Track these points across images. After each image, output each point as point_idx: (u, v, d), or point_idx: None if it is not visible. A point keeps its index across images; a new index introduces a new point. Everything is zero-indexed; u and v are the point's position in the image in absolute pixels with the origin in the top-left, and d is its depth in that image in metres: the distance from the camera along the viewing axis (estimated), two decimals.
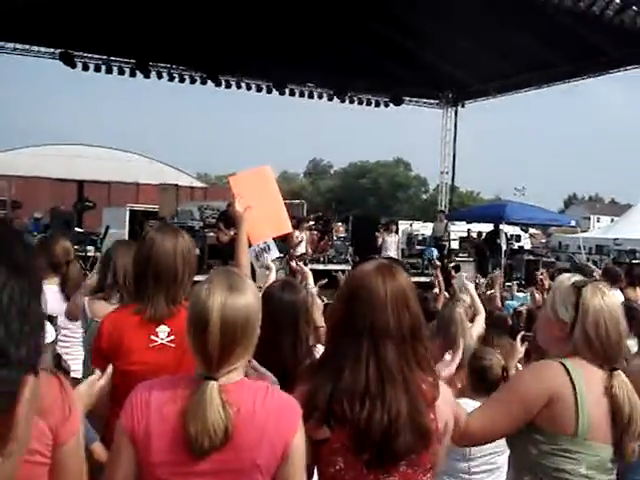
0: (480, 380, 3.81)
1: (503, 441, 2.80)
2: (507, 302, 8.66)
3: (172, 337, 3.05)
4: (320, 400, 2.16)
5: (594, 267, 10.91)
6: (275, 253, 5.24)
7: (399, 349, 2.21)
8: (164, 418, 2.05)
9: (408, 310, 2.26)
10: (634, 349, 5.03)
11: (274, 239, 5.32)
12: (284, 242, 13.62)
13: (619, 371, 2.60)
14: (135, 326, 3.07)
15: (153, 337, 3.05)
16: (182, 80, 22.56)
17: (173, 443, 2.03)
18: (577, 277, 2.81)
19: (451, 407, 2.36)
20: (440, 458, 2.29)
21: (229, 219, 18.37)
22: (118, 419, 2.12)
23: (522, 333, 5.51)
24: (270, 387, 2.15)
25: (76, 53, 20.86)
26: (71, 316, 4.67)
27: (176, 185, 22.46)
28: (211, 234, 17.56)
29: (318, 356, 3.30)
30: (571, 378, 2.55)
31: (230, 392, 2.06)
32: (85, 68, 21.42)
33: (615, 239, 28.55)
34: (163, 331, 3.06)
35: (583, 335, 2.65)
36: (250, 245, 3.88)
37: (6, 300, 1.09)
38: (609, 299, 2.66)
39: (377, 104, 26.02)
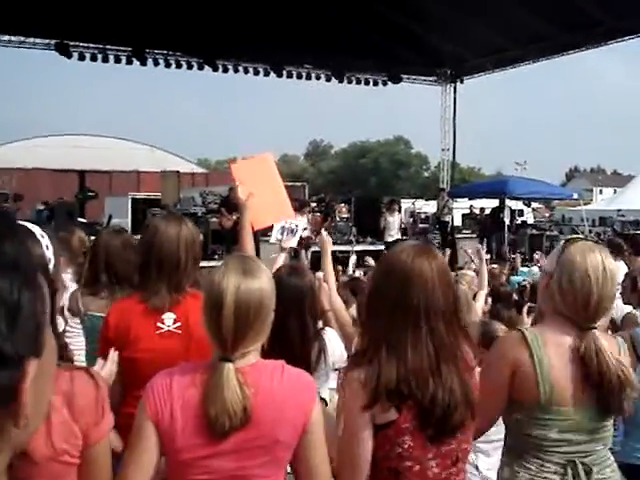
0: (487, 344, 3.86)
1: None
2: (511, 278, 8.68)
3: (178, 324, 3.09)
4: (388, 382, 2.22)
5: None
6: (294, 242, 5.20)
7: (449, 327, 2.33)
8: (186, 403, 2.10)
9: (450, 288, 2.40)
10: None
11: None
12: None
13: (593, 331, 2.56)
14: (141, 314, 3.10)
15: (160, 324, 3.09)
16: (179, 66, 22.46)
17: (196, 426, 2.08)
18: (582, 237, 2.82)
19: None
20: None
21: (231, 204, 18.39)
22: (127, 406, 2.15)
23: (528, 304, 5.55)
24: (285, 366, 2.20)
25: (71, 43, 20.79)
26: (72, 309, 4.70)
27: (177, 172, 22.45)
28: (214, 219, 17.60)
29: (327, 339, 3.34)
30: (528, 344, 2.57)
31: (247, 374, 2.11)
32: (81, 58, 21.35)
33: (618, 210, 28.44)
34: (169, 318, 3.10)
35: (557, 287, 2.67)
36: (253, 231, 3.88)
37: None
38: (593, 257, 2.59)
39: (375, 83, 25.93)
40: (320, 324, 3.49)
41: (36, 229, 1.99)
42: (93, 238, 4.37)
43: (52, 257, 1.99)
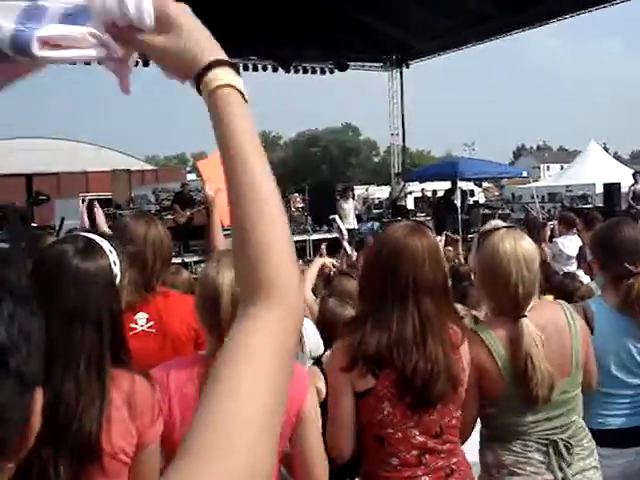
0: None
1: None
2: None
3: (152, 323, 3.07)
4: (370, 349, 2.31)
5: (541, 220, 11.16)
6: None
7: (436, 302, 2.41)
8: (184, 396, 2.14)
9: (440, 265, 2.47)
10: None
11: None
12: None
13: (521, 319, 2.59)
14: None
15: (133, 325, 3.05)
16: None
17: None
18: (495, 224, 2.85)
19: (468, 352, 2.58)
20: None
21: (184, 200, 18.33)
22: None
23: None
24: None
25: None
26: None
27: (128, 170, 22.25)
28: (169, 217, 17.50)
29: (303, 328, 3.37)
30: (487, 345, 2.62)
31: None
32: None
33: (567, 186, 28.97)
34: (142, 318, 3.08)
35: (481, 283, 2.76)
36: (223, 227, 3.88)
37: None
38: (505, 247, 2.61)
39: (322, 71, 25.92)
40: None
41: (105, 244, 2.04)
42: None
43: (119, 273, 2.04)
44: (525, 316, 2.62)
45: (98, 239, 2.06)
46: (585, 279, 6.21)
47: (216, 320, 2.16)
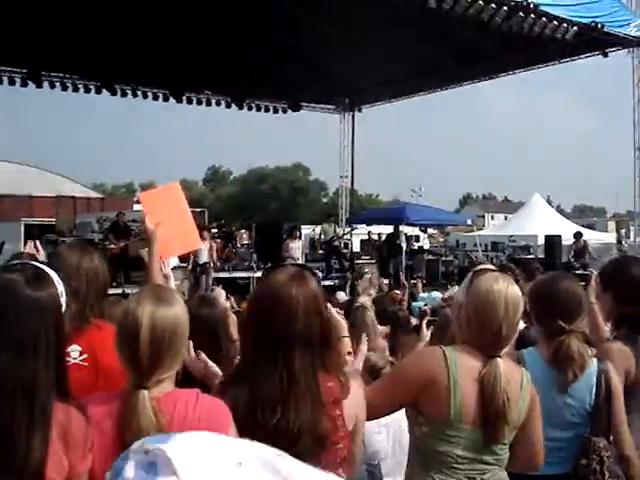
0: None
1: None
2: (413, 303, 8.88)
3: (85, 356, 3.02)
4: (240, 409, 2.24)
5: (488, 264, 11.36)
6: (175, 261, 5.25)
7: (309, 356, 2.32)
8: (103, 432, 2.10)
9: (320, 317, 2.38)
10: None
11: None
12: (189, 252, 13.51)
13: (496, 359, 2.66)
14: None
15: (66, 358, 3.02)
16: (76, 89, 21.91)
17: (111, 455, 2.06)
18: (489, 268, 2.93)
19: (362, 402, 2.49)
20: (353, 452, 2.45)
21: (118, 230, 18.16)
22: None
23: (428, 318, 5.70)
24: (199, 394, 2.22)
25: None
26: None
27: (73, 197, 21.99)
28: (112, 245, 17.32)
29: None
30: (447, 364, 2.65)
31: (163, 403, 2.13)
32: None
33: (510, 236, 29.52)
34: (75, 350, 3.01)
35: (466, 317, 2.78)
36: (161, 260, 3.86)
37: None
38: (497, 288, 2.69)
39: (275, 110, 26.09)
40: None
41: (54, 275, 2.05)
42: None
43: (63, 290, 2.07)
44: (500, 356, 2.68)
45: (46, 269, 2.06)
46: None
47: (134, 354, 2.13)
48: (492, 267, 2.97)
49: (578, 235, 20.87)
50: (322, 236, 22.26)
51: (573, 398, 3.18)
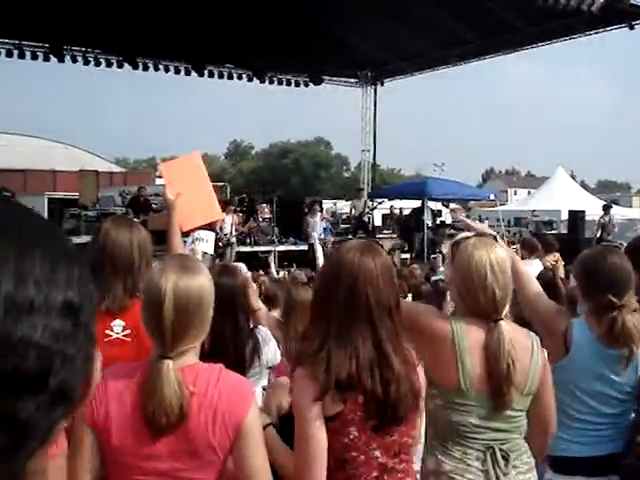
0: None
1: None
2: (433, 279, 8.84)
3: (128, 331, 3.02)
4: (337, 374, 2.24)
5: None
6: (210, 248, 5.26)
7: (392, 321, 2.37)
8: (122, 403, 2.11)
9: (394, 284, 2.42)
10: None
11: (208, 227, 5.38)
12: (210, 225, 13.53)
13: (499, 322, 2.64)
14: None
15: (108, 332, 3.01)
16: (98, 64, 21.98)
17: (132, 426, 2.08)
18: (467, 236, 2.89)
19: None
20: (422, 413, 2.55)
21: (138, 205, 18.21)
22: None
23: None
24: (223, 369, 2.20)
25: None
26: None
27: (95, 171, 22.05)
28: (134, 220, 17.37)
29: (260, 337, 3.36)
30: (452, 329, 2.65)
31: (186, 374, 2.12)
32: None
33: (533, 211, 29.32)
34: (118, 325, 3.03)
35: (455, 289, 2.79)
36: (182, 232, 3.86)
37: None
38: (478, 254, 2.68)
39: (297, 84, 25.99)
40: (252, 323, 3.50)
41: None
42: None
43: None
44: (502, 319, 2.66)
45: None
46: None
47: (159, 325, 2.12)
48: (469, 234, 2.91)
49: (606, 208, 20.38)
50: (353, 211, 22.20)
51: (621, 374, 3.14)
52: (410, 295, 6.64)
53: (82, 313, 0.86)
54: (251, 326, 3.45)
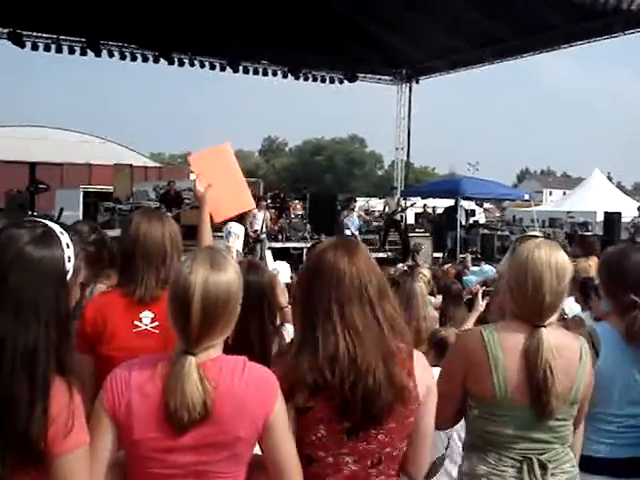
0: (442, 351, 3.90)
1: None
2: (465, 278, 8.76)
3: (156, 323, 3.03)
4: (304, 374, 2.21)
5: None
6: (240, 245, 5.26)
7: (368, 312, 2.29)
8: (145, 396, 2.08)
9: (374, 274, 2.35)
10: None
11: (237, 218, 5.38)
12: (241, 219, 13.57)
13: (541, 329, 2.57)
14: (119, 310, 3.05)
15: (137, 322, 3.03)
16: (134, 59, 22.18)
17: (155, 420, 2.06)
18: (534, 235, 2.86)
19: (431, 373, 2.46)
20: (425, 424, 2.39)
21: (169, 199, 18.32)
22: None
23: (483, 288, 5.63)
24: (247, 362, 2.18)
25: (25, 33, 20.41)
26: None
27: (130, 165, 22.24)
28: (167, 214, 17.50)
29: (287, 335, 3.35)
30: (485, 344, 2.59)
31: (209, 368, 2.09)
32: (34, 48, 20.94)
33: (568, 212, 29.00)
34: (147, 317, 3.04)
35: (508, 287, 2.71)
36: (213, 222, 3.85)
37: None
38: (539, 255, 2.61)
39: (332, 81, 25.96)
40: (278, 320, 3.48)
41: (56, 227, 1.98)
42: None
43: (72, 255, 1.97)
44: (545, 326, 2.59)
45: (58, 230, 1.99)
46: (575, 307, 6.20)
47: (186, 322, 2.09)
48: (538, 234, 2.88)
49: None
50: (386, 208, 22.18)
51: None
52: (440, 296, 6.59)
53: None
54: (278, 323, 3.43)
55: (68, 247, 1.97)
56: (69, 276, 1.97)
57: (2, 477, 1.75)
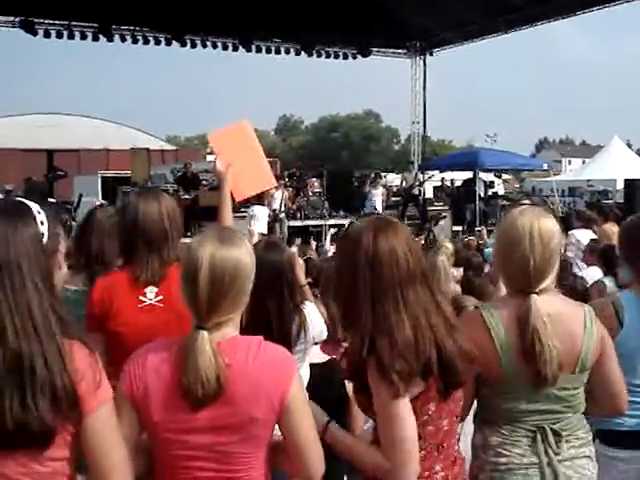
0: None
1: None
2: (486, 250, 8.71)
3: (160, 297, 3.10)
4: (405, 363, 2.21)
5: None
6: (263, 228, 5.24)
7: (425, 291, 2.34)
8: (161, 376, 2.10)
9: (416, 256, 2.36)
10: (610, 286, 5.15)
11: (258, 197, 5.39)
12: (260, 199, 13.57)
13: (532, 295, 2.53)
14: (125, 288, 3.11)
15: (142, 297, 3.10)
16: (146, 42, 22.18)
17: (171, 398, 2.08)
18: (523, 203, 2.83)
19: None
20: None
21: (186, 181, 18.38)
22: (112, 379, 2.16)
23: None
24: (263, 341, 2.18)
25: (37, 20, 20.44)
26: None
27: (147, 149, 22.26)
28: (186, 196, 17.59)
29: (306, 313, 3.34)
30: (487, 326, 2.56)
31: (222, 347, 2.09)
32: (47, 35, 21.01)
33: (587, 180, 28.76)
34: (151, 292, 3.10)
35: (497, 256, 2.70)
36: (234, 202, 3.84)
37: None
38: (522, 221, 2.58)
39: (345, 56, 25.82)
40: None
41: (34, 206, 1.99)
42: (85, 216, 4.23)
43: (46, 232, 1.98)
44: (536, 293, 2.55)
45: (27, 201, 2.01)
46: (596, 272, 6.16)
47: (194, 294, 2.10)
48: (527, 202, 2.84)
49: None
50: (404, 183, 22.07)
51: None
52: (461, 269, 6.56)
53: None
54: (298, 301, 3.42)
55: (39, 213, 1.98)
56: (45, 238, 1.97)
57: (40, 419, 1.76)
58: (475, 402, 2.76)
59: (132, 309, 3.09)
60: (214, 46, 23.29)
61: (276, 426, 2.17)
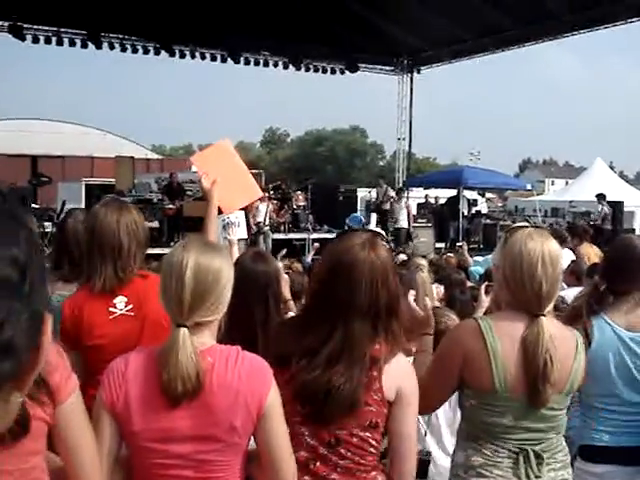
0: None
1: None
2: (471, 269, 8.76)
3: (130, 306, 3.13)
4: (285, 353, 2.32)
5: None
6: (243, 233, 5.34)
7: (369, 326, 2.34)
8: (140, 382, 2.12)
9: (387, 287, 2.36)
10: None
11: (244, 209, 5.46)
12: (244, 210, 13.54)
13: (540, 318, 2.57)
14: (93, 301, 3.13)
15: (112, 309, 3.12)
16: (135, 51, 22.11)
17: (150, 398, 2.10)
18: (523, 225, 2.86)
19: (409, 377, 2.45)
20: (397, 421, 2.40)
21: (172, 191, 18.36)
22: (91, 388, 2.15)
23: (486, 283, 5.62)
24: (240, 351, 2.20)
25: (25, 25, 20.34)
26: None
27: (131, 157, 22.23)
28: (170, 206, 17.57)
29: None
30: (483, 336, 2.59)
31: (204, 357, 2.12)
32: (35, 40, 20.86)
33: (570, 201, 28.93)
34: (121, 301, 3.13)
35: (503, 278, 2.71)
36: (220, 212, 3.89)
37: None
38: (532, 244, 2.61)
39: (333, 71, 25.87)
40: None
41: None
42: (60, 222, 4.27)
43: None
44: (544, 315, 2.59)
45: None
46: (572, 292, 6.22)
47: (177, 293, 2.13)
48: (527, 224, 2.88)
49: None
50: (372, 199, 22.11)
51: None
52: (442, 286, 6.58)
53: (28, 270, 0.92)
54: (282, 315, 3.44)
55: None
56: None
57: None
58: (460, 416, 2.78)
59: (104, 321, 3.10)
60: (202, 57, 23.27)
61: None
